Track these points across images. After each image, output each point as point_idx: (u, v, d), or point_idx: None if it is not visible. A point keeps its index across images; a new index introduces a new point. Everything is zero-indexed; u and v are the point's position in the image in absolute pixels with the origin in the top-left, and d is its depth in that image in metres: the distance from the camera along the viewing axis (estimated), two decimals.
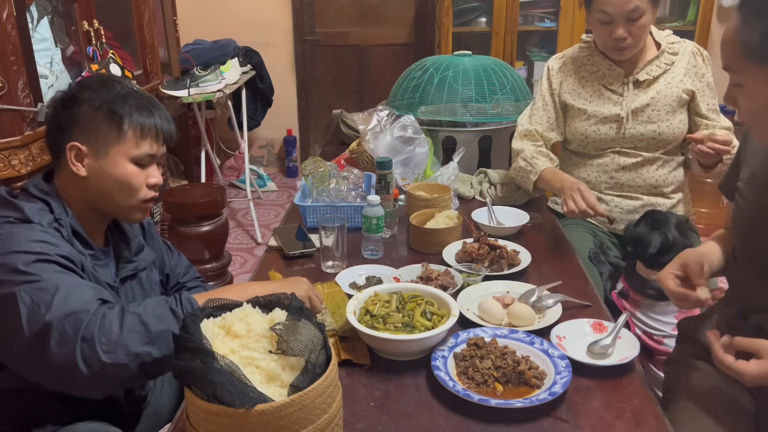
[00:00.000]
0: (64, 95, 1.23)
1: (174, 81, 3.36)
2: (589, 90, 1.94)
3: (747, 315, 1.24)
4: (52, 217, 1.16)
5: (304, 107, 4.77)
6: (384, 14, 4.51)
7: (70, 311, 1.01)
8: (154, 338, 1.02)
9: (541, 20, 3.63)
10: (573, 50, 2.02)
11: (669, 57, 1.89)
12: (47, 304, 1.01)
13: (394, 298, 1.32)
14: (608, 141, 1.92)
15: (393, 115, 2.21)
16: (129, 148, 1.21)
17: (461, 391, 1.11)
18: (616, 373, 1.19)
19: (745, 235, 1.25)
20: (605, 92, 1.92)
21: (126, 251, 1.33)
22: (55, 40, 2.36)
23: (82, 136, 1.19)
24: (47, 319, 1.00)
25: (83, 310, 1.02)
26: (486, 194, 2.06)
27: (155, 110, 1.25)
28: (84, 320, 1.00)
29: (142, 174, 1.24)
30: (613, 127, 1.90)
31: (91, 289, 1.08)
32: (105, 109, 1.19)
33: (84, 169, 1.19)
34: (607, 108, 1.91)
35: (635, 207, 1.93)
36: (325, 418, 0.90)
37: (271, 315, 0.98)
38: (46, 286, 1.03)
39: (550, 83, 2.00)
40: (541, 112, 2.01)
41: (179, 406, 1.19)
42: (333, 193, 1.90)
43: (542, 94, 2.02)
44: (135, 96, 1.23)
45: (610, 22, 1.78)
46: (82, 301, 1.03)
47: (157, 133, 1.25)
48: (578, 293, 1.48)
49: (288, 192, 4.55)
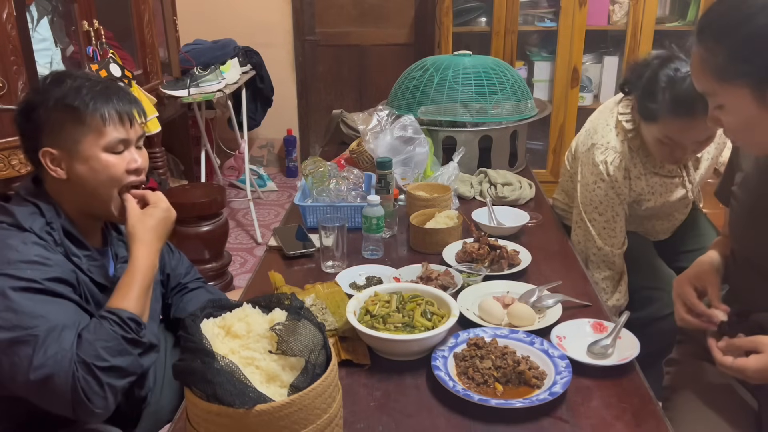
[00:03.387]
0: (20, 104, 1.20)
1: (174, 81, 3.35)
2: (650, 183, 1.74)
3: (747, 314, 1.24)
4: (44, 221, 1.16)
5: (304, 107, 4.77)
6: (384, 14, 4.51)
7: (49, 373, 1.02)
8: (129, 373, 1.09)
9: (541, 20, 3.63)
10: (620, 143, 1.71)
11: None
12: (28, 361, 1.02)
13: (394, 298, 1.32)
14: (674, 210, 1.85)
15: (393, 115, 2.21)
16: (95, 138, 1.18)
17: (461, 391, 1.11)
18: (616, 373, 1.19)
19: (741, 234, 1.26)
20: (667, 181, 1.74)
21: (123, 250, 1.33)
22: (55, 40, 2.36)
23: (49, 139, 1.17)
24: (31, 379, 1.02)
25: (63, 371, 1.02)
26: (486, 194, 2.06)
27: (112, 94, 1.20)
28: (66, 383, 1.02)
29: (121, 161, 1.22)
30: (676, 204, 1.81)
31: (70, 331, 1.07)
32: (60, 107, 1.16)
33: (63, 172, 1.18)
34: (674, 194, 1.76)
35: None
36: (325, 418, 0.90)
37: (271, 315, 0.98)
38: (25, 337, 1.03)
39: (617, 192, 1.72)
40: (612, 224, 1.76)
41: (179, 406, 1.19)
42: (333, 193, 1.90)
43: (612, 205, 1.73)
44: (88, 85, 1.19)
45: (675, 145, 1.58)
46: (61, 356, 1.03)
47: (120, 116, 1.20)
48: (578, 293, 1.48)
49: (288, 192, 4.55)
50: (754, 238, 1.22)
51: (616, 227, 1.76)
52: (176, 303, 1.52)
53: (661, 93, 1.51)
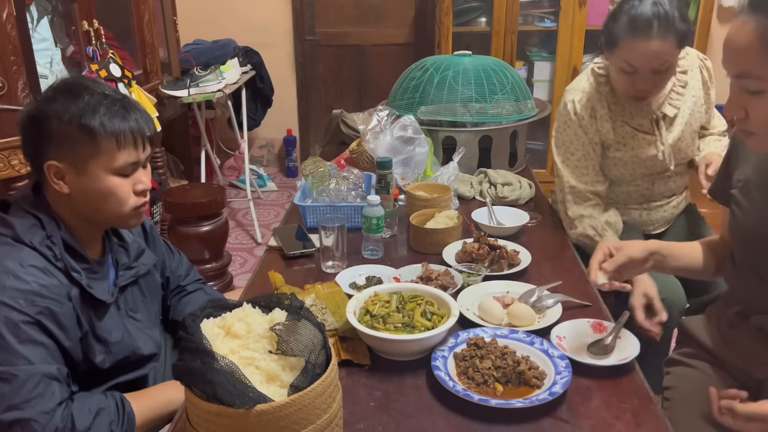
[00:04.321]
0: (31, 110, 1.15)
1: (174, 81, 3.36)
2: (620, 133, 1.80)
3: (747, 315, 1.24)
4: (44, 234, 1.14)
5: (304, 107, 4.77)
6: (384, 14, 4.51)
7: (20, 418, 1.05)
8: None
9: (541, 20, 3.63)
10: (589, 85, 1.82)
11: (682, 78, 1.81)
12: (7, 399, 1.05)
13: (394, 298, 1.32)
14: (646, 176, 1.86)
15: (393, 115, 2.21)
16: (107, 160, 1.15)
17: (461, 391, 1.11)
18: (616, 373, 1.19)
19: (743, 242, 1.24)
20: (638, 135, 1.79)
21: (124, 257, 1.32)
22: (55, 40, 2.36)
23: (57, 153, 1.13)
24: (1, 418, 1.04)
25: (34, 420, 1.05)
26: (486, 194, 2.06)
27: (129, 114, 1.16)
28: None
29: (128, 183, 1.19)
30: (649, 167, 1.83)
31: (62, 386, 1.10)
32: (75, 124, 1.12)
33: (66, 187, 1.15)
34: (643, 151, 1.80)
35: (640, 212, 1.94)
36: (325, 418, 0.90)
37: (271, 315, 0.98)
38: (5, 374, 1.05)
39: (585, 131, 1.80)
40: (584, 162, 1.82)
41: None
42: (333, 193, 1.90)
43: (582, 144, 1.81)
44: (105, 103, 1.14)
45: (633, 73, 1.65)
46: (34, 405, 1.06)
47: (135, 139, 1.17)
48: (578, 293, 1.48)
49: (288, 192, 4.55)
50: (759, 247, 1.19)
51: (589, 165, 1.82)
52: (174, 306, 1.52)
53: (621, 15, 1.63)
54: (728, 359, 1.29)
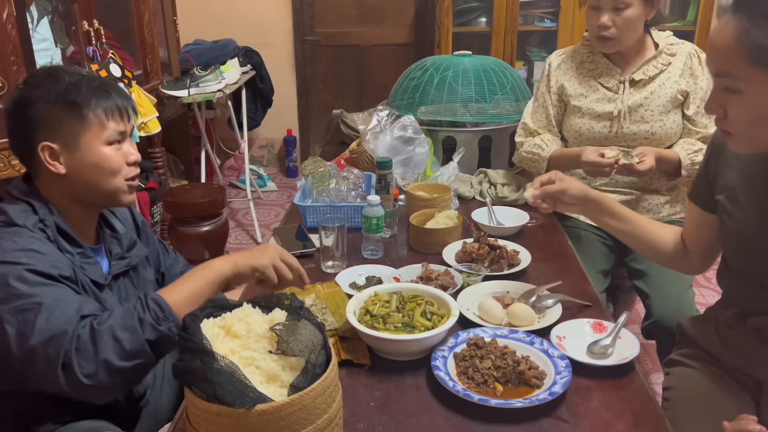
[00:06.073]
0: (14, 99, 1.20)
1: (174, 81, 3.36)
2: (585, 86, 1.96)
3: (745, 317, 1.24)
4: (37, 218, 1.16)
5: (304, 107, 4.77)
6: (384, 14, 4.51)
7: (50, 335, 1.02)
8: (130, 354, 1.04)
9: (541, 20, 3.64)
10: (574, 47, 2.05)
11: (666, 58, 1.90)
12: (31, 326, 1.02)
13: (394, 298, 1.32)
14: (601, 139, 1.93)
15: (393, 115, 2.21)
16: (97, 132, 1.20)
17: (461, 391, 1.11)
18: (616, 373, 1.19)
19: (735, 249, 1.24)
20: (601, 89, 1.94)
21: (117, 247, 1.33)
22: (55, 40, 2.37)
23: (48, 134, 1.17)
24: (31, 344, 1.02)
25: (62, 332, 1.02)
26: (486, 194, 2.06)
27: (111, 90, 1.23)
28: (63, 343, 1.01)
29: (119, 153, 1.24)
30: (606, 126, 1.92)
31: (74, 303, 1.07)
32: (61, 102, 1.17)
33: (62, 166, 1.18)
34: (601, 106, 1.92)
35: (628, 201, 1.96)
36: (325, 418, 0.90)
37: (271, 315, 0.98)
38: (29, 305, 1.03)
39: (548, 80, 2.03)
40: (540, 109, 2.05)
41: (179, 406, 1.19)
42: (333, 193, 1.90)
43: (541, 92, 2.05)
44: (86, 81, 1.20)
45: (598, 9, 1.83)
46: (63, 319, 1.03)
47: (120, 111, 1.23)
48: (578, 293, 1.48)
49: (288, 192, 4.56)
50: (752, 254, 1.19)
51: (544, 113, 2.04)
52: None
53: None
54: (727, 360, 1.29)
